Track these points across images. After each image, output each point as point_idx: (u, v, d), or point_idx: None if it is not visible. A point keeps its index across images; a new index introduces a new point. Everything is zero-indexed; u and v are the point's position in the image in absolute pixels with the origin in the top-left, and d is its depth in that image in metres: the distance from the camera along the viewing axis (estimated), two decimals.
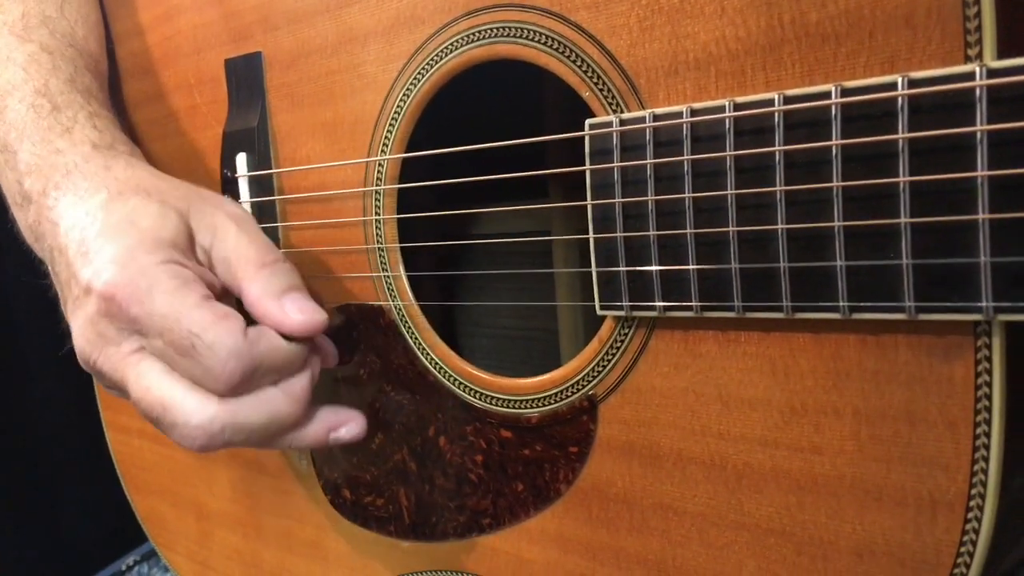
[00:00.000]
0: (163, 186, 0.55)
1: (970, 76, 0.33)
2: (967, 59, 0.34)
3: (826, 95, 0.37)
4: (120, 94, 0.77)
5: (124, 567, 1.08)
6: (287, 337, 0.51)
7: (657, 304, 0.44)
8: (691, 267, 0.42)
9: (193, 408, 0.49)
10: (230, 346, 0.48)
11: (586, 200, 0.46)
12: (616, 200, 0.44)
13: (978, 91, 0.33)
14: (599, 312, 0.47)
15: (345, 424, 0.56)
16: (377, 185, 0.58)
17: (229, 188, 0.67)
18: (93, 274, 0.49)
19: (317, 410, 0.55)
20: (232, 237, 0.53)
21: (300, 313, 0.51)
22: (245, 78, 0.65)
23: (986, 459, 0.36)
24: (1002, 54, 0.33)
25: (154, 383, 0.49)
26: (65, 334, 0.56)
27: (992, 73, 0.33)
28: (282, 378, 0.51)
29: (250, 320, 0.51)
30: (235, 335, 0.48)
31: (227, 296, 0.53)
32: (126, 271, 0.49)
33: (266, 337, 0.50)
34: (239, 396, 0.49)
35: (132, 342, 0.50)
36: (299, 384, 0.52)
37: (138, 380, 0.50)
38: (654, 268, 0.43)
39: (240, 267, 0.52)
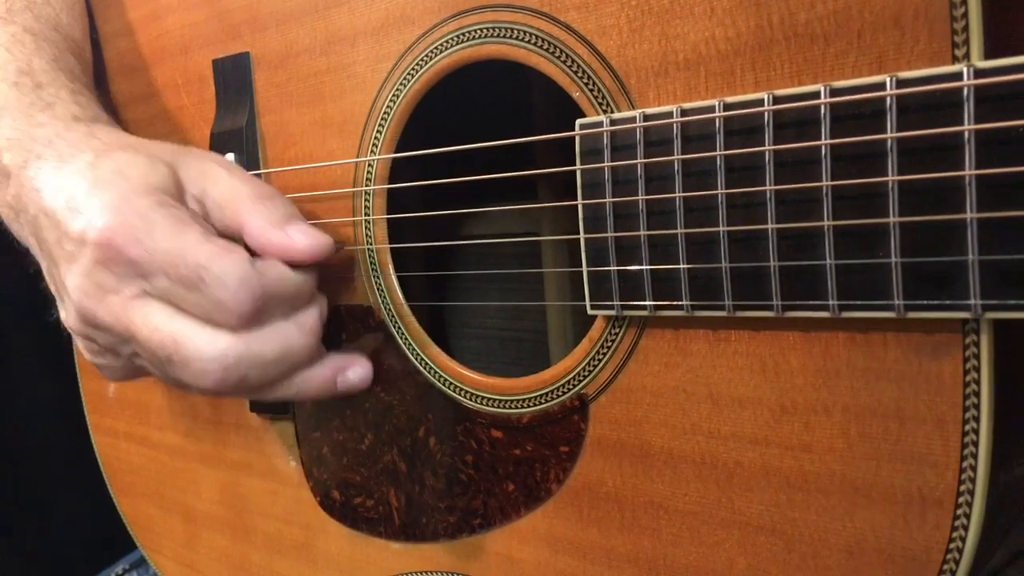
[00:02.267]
0: (148, 143, 0.55)
1: (958, 76, 0.33)
2: (955, 59, 0.34)
3: (815, 95, 0.37)
4: (108, 94, 0.76)
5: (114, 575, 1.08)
6: (294, 268, 0.50)
7: (648, 303, 0.44)
8: (681, 266, 0.42)
9: (206, 341, 0.47)
10: (240, 276, 0.47)
11: (576, 200, 0.46)
12: (607, 200, 0.44)
13: (966, 91, 0.33)
14: (590, 312, 0.47)
15: (352, 366, 0.55)
16: (367, 186, 0.57)
17: None
18: (86, 224, 0.48)
19: (325, 353, 0.54)
20: (224, 179, 0.52)
21: (306, 238, 0.50)
22: (233, 78, 0.65)
23: (975, 456, 0.36)
24: (989, 54, 0.34)
25: (163, 322, 0.48)
26: (49, 303, 0.54)
27: (979, 73, 0.33)
28: (293, 310, 0.51)
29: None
30: (244, 264, 0.47)
31: (226, 239, 0.52)
32: (121, 215, 0.47)
33: (274, 267, 0.49)
34: (251, 329, 0.49)
35: (134, 286, 0.48)
36: (310, 316, 0.51)
37: (145, 321, 0.48)
38: (645, 267, 0.44)
39: (238, 202, 0.51)
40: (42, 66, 0.60)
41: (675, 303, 0.43)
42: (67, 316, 0.52)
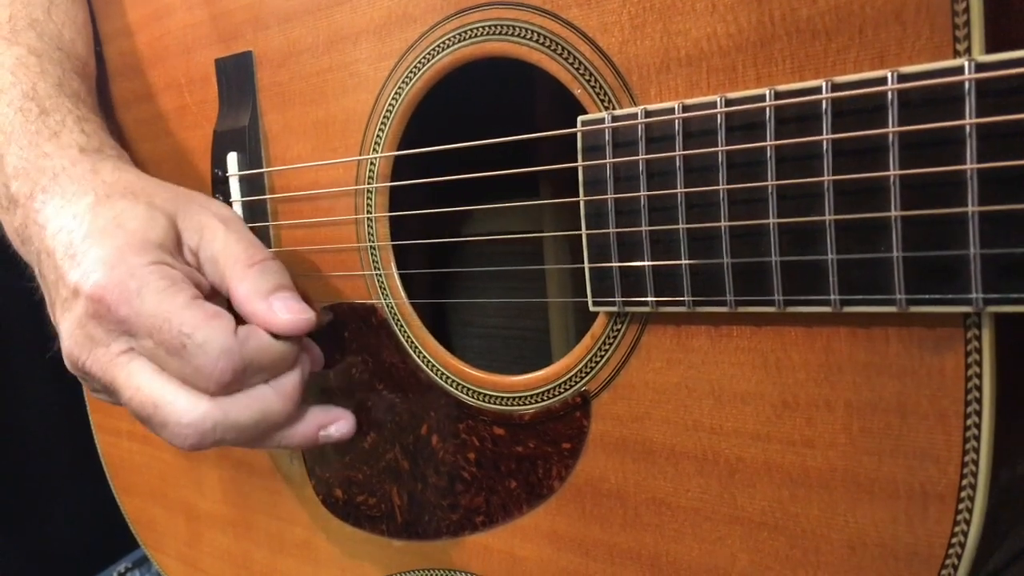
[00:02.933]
0: (150, 188, 0.55)
1: (959, 70, 0.34)
2: (956, 54, 0.34)
3: (817, 90, 0.37)
4: (109, 94, 0.76)
5: (116, 574, 1.08)
6: (277, 336, 0.51)
7: (649, 299, 0.44)
8: (683, 262, 0.42)
9: (184, 407, 0.49)
10: (221, 344, 0.48)
11: (578, 197, 0.46)
12: (608, 196, 0.44)
13: (967, 85, 0.33)
14: (592, 308, 0.47)
15: (334, 422, 0.56)
16: (369, 183, 0.58)
17: (220, 188, 0.67)
18: (81, 276, 0.49)
19: (307, 409, 0.55)
20: (220, 237, 0.53)
21: (288, 312, 0.51)
22: (236, 77, 0.65)
23: (977, 451, 0.36)
24: (991, 48, 0.34)
25: (144, 382, 0.49)
26: (51, 337, 0.56)
27: (981, 67, 0.33)
28: (272, 376, 0.52)
29: (240, 321, 0.51)
30: (225, 333, 0.48)
31: (216, 296, 0.53)
32: (115, 272, 0.49)
33: (256, 335, 0.50)
34: (230, 395, 0.49)
35: (121, 343, 0.50)
36: (290, 382, 0.52)
37: (128, 380, 0.49)
38: (646, 264, 0.44)
39: (228, 266, 0.52)
40: (47, 91, 0.60)
41: (677, 299, 0.43)
42: (63, 354, 0.53)
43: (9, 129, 0.57)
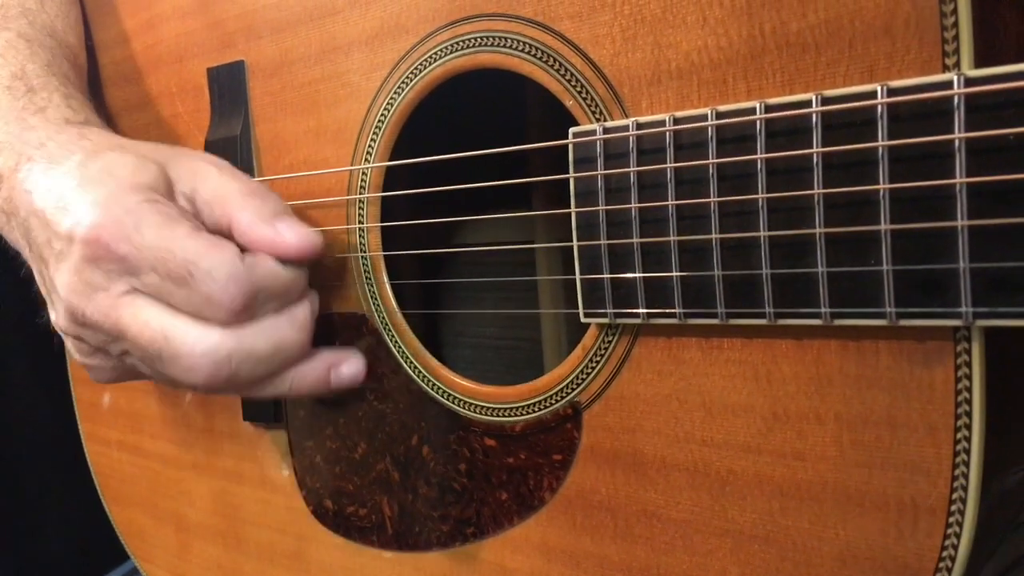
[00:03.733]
0: (138, 144, 0.55)
1: (948, 85, 0.34)
2: (945, 68, 0.35)
3: (807, 104, 0.37)
4: (102, 102, 0.76)
5: None
6: (285, 265, 0.50)
7: (641, 311, 0.44)
8: (674, 274, 0.42)
9: (196, 336, 0.47)
10: (229, 270, 0.47)
11: (570, 208, 0.46)
12: (600, 208, 0.44)
13: (956, 99, 0.33)
14: (583, 319, 0.47)
15: (345, 361, 0.55)
16: (361, 193, 0.57)
17: None
18: (74, 222, 0.48)
19: (318, 349, 0.54)
20: (214, 176, 0.52)
21: (295, 234, 0.50)
22: (228, 86, 0.65)
23: (967, 464, 0.36)
24: (979, 63, 0.34)
25: (153, 317, 0.48)
26: (40, 307, 0.54)
27: (970, 82, 0.33)
28: (284, 305, 0.50)
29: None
30: (233, 259, 0.47)
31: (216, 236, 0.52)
32: (109, 212, 0.47)
33: (264, 261, 0.49)
34: (242, 324, 0.48)
35: (122, 283, 0.48)
36: (302, 311, 0.51)
37: (134, 317, 0.48)
38: (638, 275, 0.44)
39: (228, 198, 0.51)
40: (35, 71, 0.60)
41: (668, 311, 0.43)
42: (57, 316, 0.52)
43: None
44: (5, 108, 0.56)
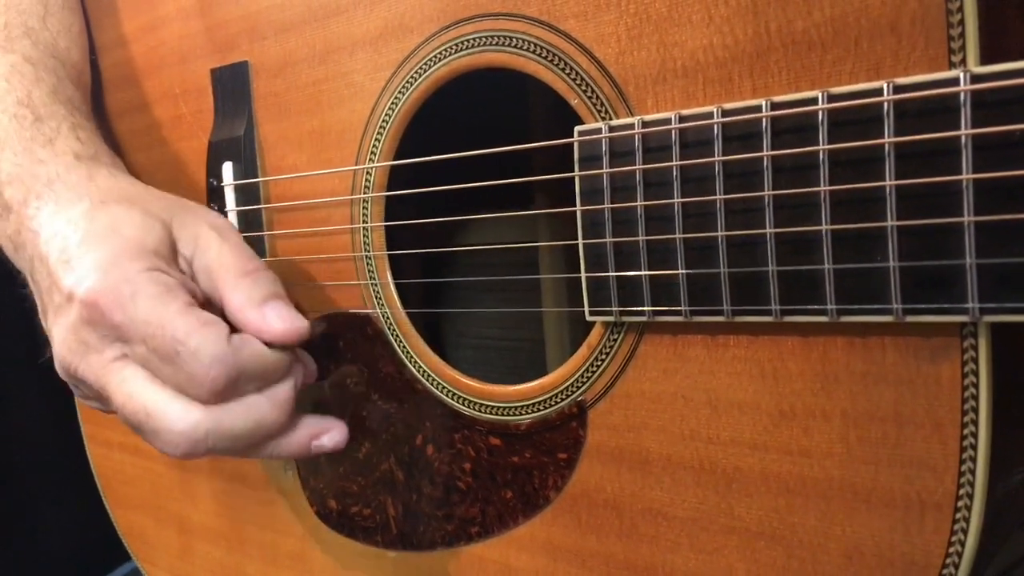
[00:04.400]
0: (146, 196, 0.55)
1: (954, 81, 0.34)
2: (951, 65, 0.35)
3: (813, 101, 0.37)
4: (103, 104, 0.76)
5: None
6: (271, 345, 0.51)
7: (646, 309, 0.44)
8: (680, 272, 0.42)
9: (177, 415, 0.48)
10: (214, 352, 0.48)
11: (575, 207, 0.46)
12: (605, 206, 0.44)
13: (962, 96, 0.34)
14: (588, 318, 0.47)
15: (327, 432, 0.55)
16: (365, 193, 0.58)
17: (215, 197, 0.67)
18: (75, 281, 0.49)
19: (300, 419, 0.55)
20: (214, 247, 0.53)
21: (281, 321, 0.51)
22: (231, 87, 0.65)
23: (973, 460, 0.36)
24: (985, 60, 0.34)
25: (137, 389, 0.49)
26: (43, 344, 0.55)
27: (976, 79, 0.33)
28: (266, 385, 0.51)
29: (234, 330, 0.51)
30: (219, 341, 0.48)
31: (209, 306, 0.53)
32: (109, 278, 0.48)
33: (250, 343, 0.50)
34: (223, 403, 0.49)
35: (114, 349, 0.49)
36: (283, 391, 0.52)
37: (120, 387, 0.49)
38: (643, 273, 0.44)
39: (221, 276, 0.52)
40: (42, 98, 0.60)
41: (674, 308, 0.43)
42: (55, 361, 0.53)
43: (3, 135, 0.57)
44: (13, 138, 0.57)
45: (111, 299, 0.48)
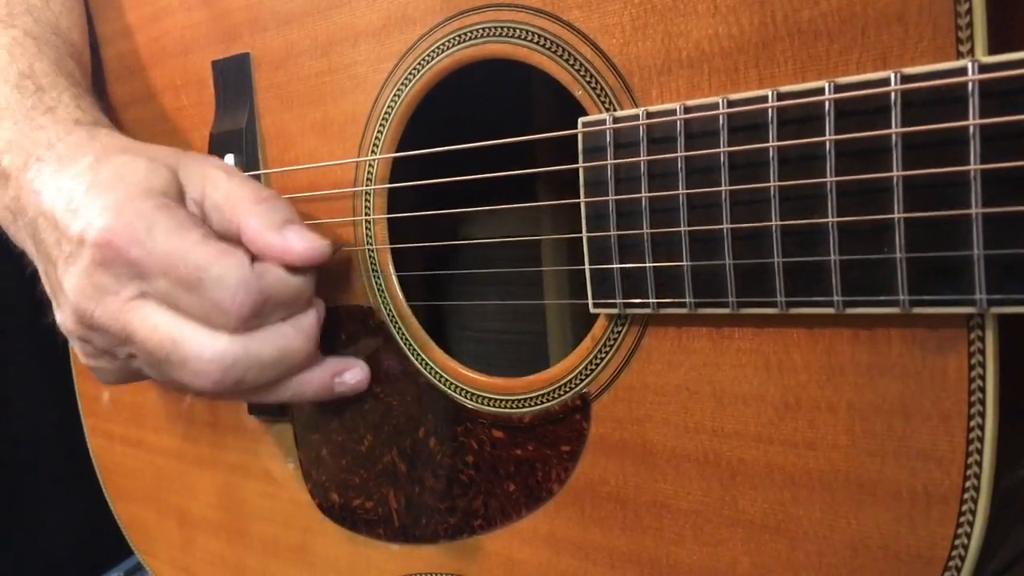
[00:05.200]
0: (149, 147, 0.55)
1: (962, 71, 0.34)
2: (959, 55, 0.35)
3: (819, 91, 0.37)
4: (105, 96, 0.76)
5: None
6: (292, 273, 0.50)
7: (651, 301, 0.44)
8: (685, 263, 0.42)
9: (205, 341, 0.48)
10: (238, 277, 0.47)
11: (579, 199, 0.46)
12: (610, 197, 0.44)
13: (970, 86, 0.33)
14: (592, 310, 0.47)
15: (349, 369, 0.55)
16: (367, 185, 0.57)
17: None
18: (86, 225, 0.48)
19: (323, 356, 0.54)
20: (223, 182, 0.52)
21: (302, 241, 0.51)
22: (233, 79, 0.65)
23: (980, 452, 0.36)
24: (993, 49, 0.34)
25: (161, 321, 0.48)
26: (45, 306, 0.54)
27: (984, 68, 0.33)
28: (291, 313, 0.51)
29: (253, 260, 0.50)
30: (242, 267, 0.48)
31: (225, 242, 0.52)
32: (122, 216, 0.48)
33: (273, 270, 0.50)
34: (249, 330, 0.49)
35: (132, 288, 0.48)
36: (308, 319, 0.52)
37: (144, 321, 0.48)
38: (647, 265, 0.44)
39: (236, 205, 0.51)
40: (43, 69, 0.60)
41: (678, 300, 0.43)
42: (63, 318, 0.52)
43: (4, 105, 0.56)
44: (14, 107, 0.56)
45: (126, 235, 0.47)
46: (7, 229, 0.57)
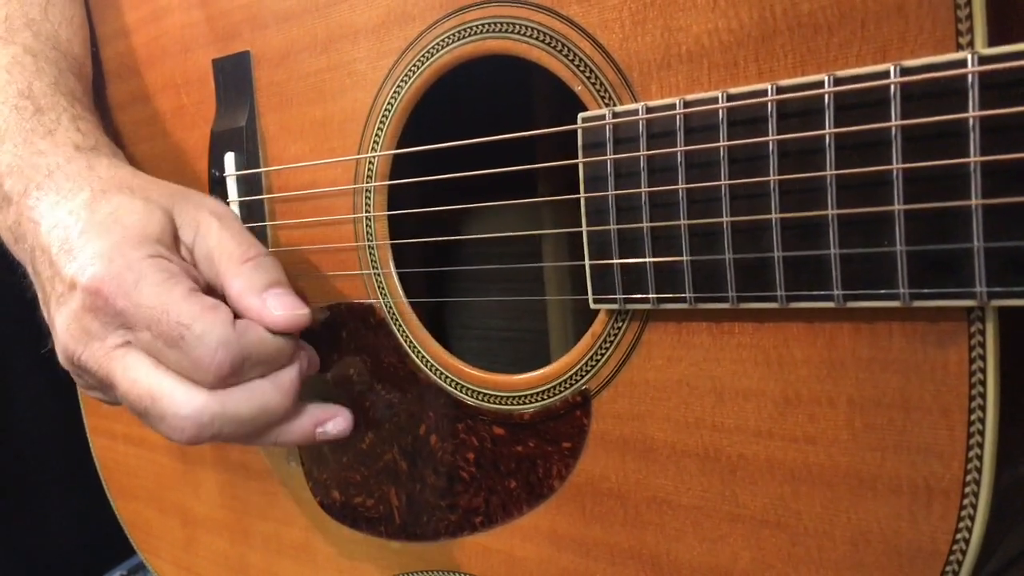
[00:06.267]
0: (147, 184, 0.55)
1: (962, 63, 0.33)
2: (959, 47, 0.34)
3: (819, 84, 0.37)
4: (105, 96, 0.76)
5: None
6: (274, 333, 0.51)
7: (651, 296, 0.44)
8: (685, 258, 0.42)
9: (182, 398, 0.48)
10: (219, 336, 0.48)
11: (578, 194, 0.46)
12: (610, 193, 0.44)
13: (970, 78, 0.33)
14: (593, 305, 0.47)
15: (332, 419, 0.55)
16: (367, 183, 0.57)
17: (217, 188, 0.66)
18: (78, 269, 0.49)
19: (304, 406, 0.55)
20: (215, 233, 0.53)
21: (282, 309, 0.51)
22: (233, 77, 0.65)
23: (981, 446, 0.36)
24: (993, 41, 0.34)
25: (142, 375, 0.49)
26: (45, 335, 0.55)
27: (983, 60, 0.33)
28: (270, 370, 0.51)
29: (237, 317, 0.51)
30: (224, 325, 0.48)
31: (212, 293, 0.53)
32: (112, 265, 0.48)
33: (254, 329, 0.50)
34: (228, 388, 0.49)
35: (118, 336, 0.49)
36: (287, 376, 0.52)
37: (125, 373, 0.49)
38: (648, 260, 0.43)
39: (222, 262, 0.52)
40: (43, 89, 0.60)
41: (678, 295, 0.43)
42: (57, 351, 0.53)
43: (3, 127, 0.57)
44: (13, 129, 0.57)
45: (114, 286, 0.48)
46: (10, 248, 0.58)
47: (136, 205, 0.51)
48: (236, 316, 0.50)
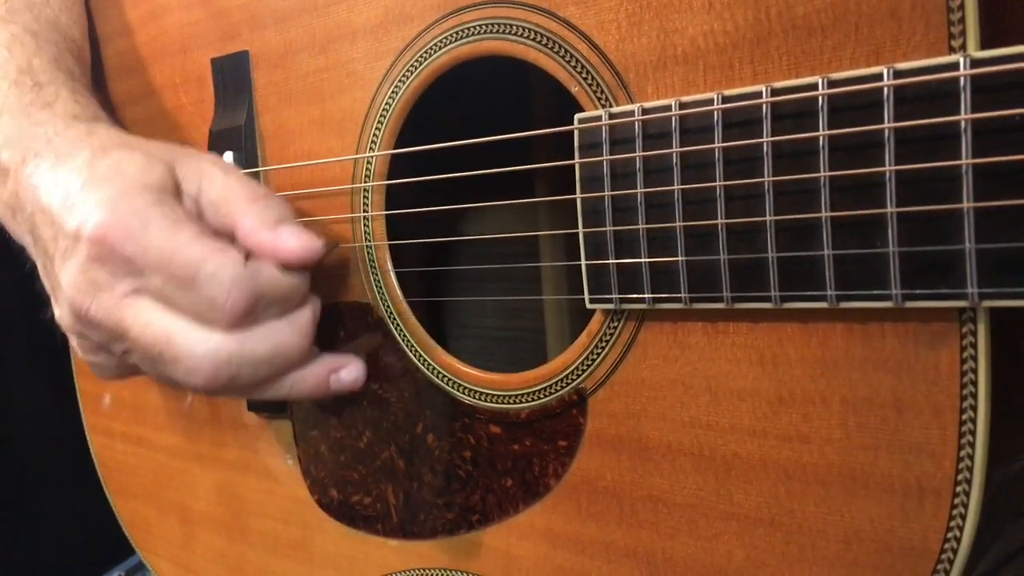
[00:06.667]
0: (146, 142, 0.54)
1: (954, 66, 0.34)
2: (951, 50, 0.35)
3: (813, 87, 0.37)
4: (105, 94, 0.76)
5: None
6: (287, 270, 0.50)
7: (646, 296, 0.44)
8: (680, 259, 0.42)
9: (198, 338, 0.47)
10: (232, 274, 0.47)
11: (575, 195, 0.46)
12: (606, 193, 0.44)
13: (962, 81, 0.34)
14: (589, 305, 0.47)
15: (345, 367, 0.55)
16: (365, 182, 0.58)
17: None
18: (82, 220, 0.48)
19: (318, 353, 0.54)
20: (219, 180, 0.52)
21: (296, 240, 0.50)
22: (232, 77, 0.65)
23: (972, 445, 0.37)
24: (986, 45, 0.34)
25: (154, 318, 0.48)
26: (44, 303, 0.54)
27: (976, 63, 0.33)
28: (285, 311, 0.51)
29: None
30: (236, 264, 0.47)
31: (220, 239, 0.52)
32: (117, 212, 0.48)
33: (267, 267, 0.49)
34: (244, 328, 0.48)
35: (127, 284, 0.48)
36: (303, 316, 0.51)
37: (136, 318, 0.48)
38: (643, 260, 0.44)
39: (231, 204, 0.51)
40: (42, 66, 0.60)
41: (674, 295, 0.43)
42: (61, 313, 0.52)
43: (2, 101, 0.56)
44: (12, 103, 0.56)
45: (121, 232, 0.47)
46: (7, 225, 0.57)
47: (136, 157, 0.51)
48: (248, 257, 0.49)
